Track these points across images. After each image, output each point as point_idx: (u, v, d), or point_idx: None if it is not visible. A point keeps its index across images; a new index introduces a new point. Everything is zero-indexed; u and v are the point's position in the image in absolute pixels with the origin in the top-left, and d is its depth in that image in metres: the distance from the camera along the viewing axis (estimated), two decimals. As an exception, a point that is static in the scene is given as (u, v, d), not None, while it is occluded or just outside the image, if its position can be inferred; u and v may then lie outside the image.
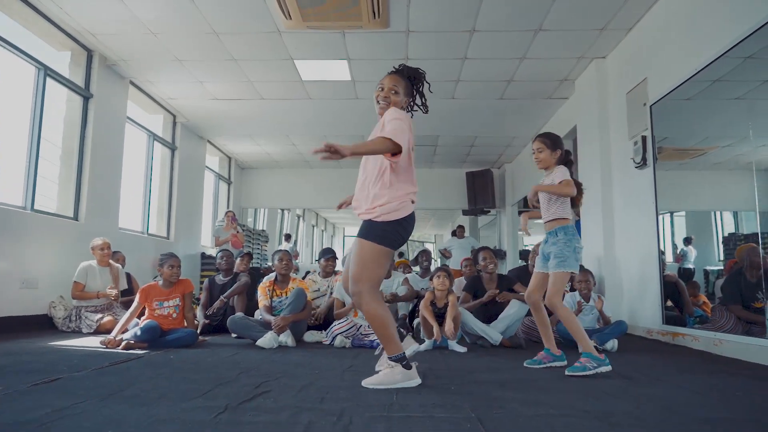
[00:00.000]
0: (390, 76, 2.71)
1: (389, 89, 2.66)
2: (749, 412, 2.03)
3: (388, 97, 2.65)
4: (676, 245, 4.92)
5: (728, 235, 4.40)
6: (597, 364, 2.75)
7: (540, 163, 3.05)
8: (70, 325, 4.80)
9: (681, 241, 4.91)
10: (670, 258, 4.90)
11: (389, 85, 2.67)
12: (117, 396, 2.14)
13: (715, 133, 4.54)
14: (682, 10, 4.30)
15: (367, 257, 2.45)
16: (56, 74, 5.31)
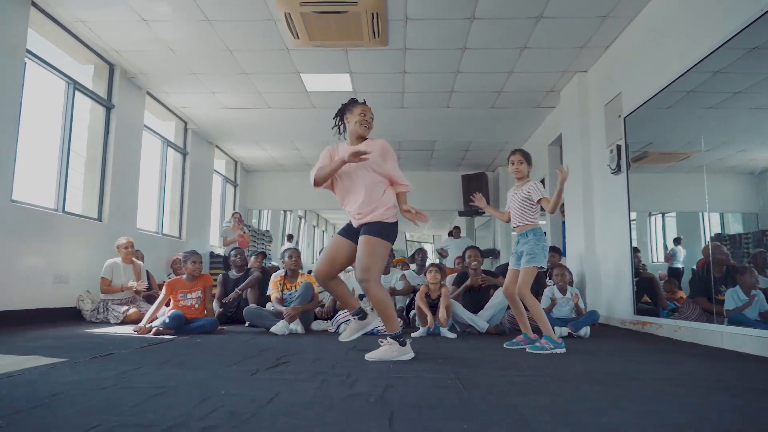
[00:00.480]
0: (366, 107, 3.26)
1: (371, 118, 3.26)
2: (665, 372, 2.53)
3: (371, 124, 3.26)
4: (667, 245, 5.22)
5: (715, 236, 4.66)
6: (554, 346, 3.28)
7: (518, 173, 3.54)
8: (98, 317, 5.29)
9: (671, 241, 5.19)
10: (661, 257, 5.24)
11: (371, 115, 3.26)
12: (167, 363, 2.64)
13: (696, 139, 4.81)
14: (652, 29, 4.77)
15: (377, 252, 2.96)
16: (84, 88, 5.81)
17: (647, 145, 5.15)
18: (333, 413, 1.67)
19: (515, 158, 3.57)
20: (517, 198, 3.52)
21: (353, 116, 3.23)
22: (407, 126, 8.37)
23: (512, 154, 3.62)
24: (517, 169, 3.56)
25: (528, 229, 3.46)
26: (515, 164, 3.56)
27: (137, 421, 1.52)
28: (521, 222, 3.51)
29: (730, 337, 3.66)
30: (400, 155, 10.33)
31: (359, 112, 3.23)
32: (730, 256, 4.31)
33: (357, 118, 3.21)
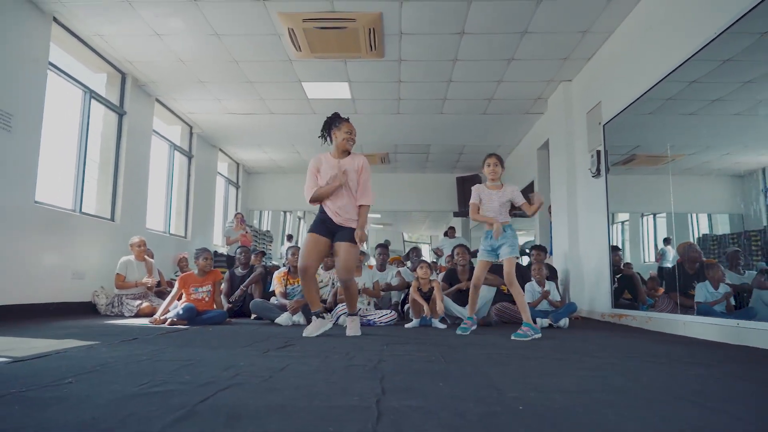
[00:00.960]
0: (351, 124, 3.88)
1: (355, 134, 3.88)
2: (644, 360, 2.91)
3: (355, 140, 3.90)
4: (657, 245, 5.36)
5: (702, 236, 4.83)
6: (533, 332, 3.67)
7: (494, 174, 3.95)
8: (113, 310, 5.66)
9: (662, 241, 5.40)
10: (651, 257, 5.53)
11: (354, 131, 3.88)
12: (189, 345, 3.02)
13: (680, 143, 5.04)
14: (629, 43, 5.15)
15: (355, 255, 3.81)
16: (98, 96, 6.19)
17: (635, 148, 5.43)
18: (335, 376, 2.05)
19: (492, 161, 4.00)
20: (497, 199, 3.91)
21: (341, 132, 3.82)
22: (403, 131, 8.76)
23: (489, 157, 4.04)
24: (494, 170, 3.97)
25: (506, 225, 3.87)
26: (491, 166, 3.98)
27: (177, 380, 1.90)
28: (501, 219, 3.90)
29: (692, 326, 4.05)
30: (396, 158, 10.75)
31: (346, 129, 3.82)
32: (702, 253, 4.66)
33: (344, 135, 3.81)
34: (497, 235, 3.91)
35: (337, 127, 3.85)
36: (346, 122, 3.86)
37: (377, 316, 4.93)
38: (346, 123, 3.85)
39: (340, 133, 3.82)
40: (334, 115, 3.94)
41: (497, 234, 3.90)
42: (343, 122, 3.85)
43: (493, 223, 3.87)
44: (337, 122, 3.87)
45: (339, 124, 3.84)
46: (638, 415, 1.49)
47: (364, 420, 1.38)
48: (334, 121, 3.88)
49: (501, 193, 3.94)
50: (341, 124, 3.84)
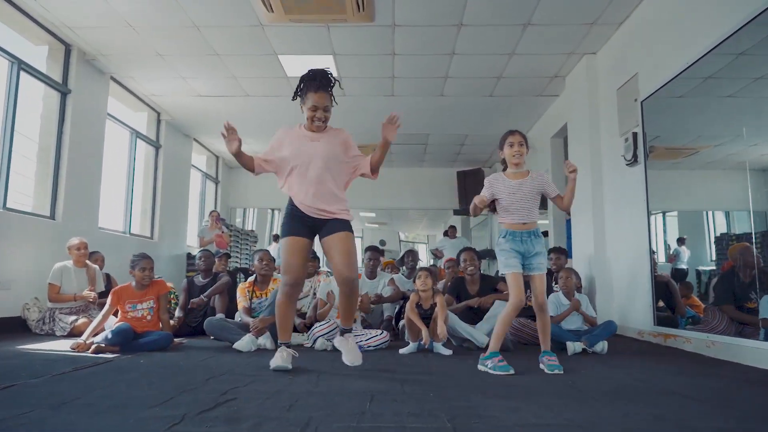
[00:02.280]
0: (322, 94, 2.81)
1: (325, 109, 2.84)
2: (742, 420, 1.91)
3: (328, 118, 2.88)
4: (669, 245, 4.83)
5: (720, 235, 4.33)
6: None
7: (520, 157, 2.95)
8: (43, 328, 4.64)
9: (674, 241, 4.81)
10: (663, 258, 4.79)
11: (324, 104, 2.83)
12: (70, 404, 1.99)
13: (707, 132, 4.46)
14: (672, 4, 4.21)
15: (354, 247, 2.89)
16: (31, 68, 5.15)
17: (654, 139, 4.66)
18: None
19: (515, 139, 2.98)
20: (526, 190, 2.91)
21: (305, 107, 2.84)
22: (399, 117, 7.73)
23: (511, 134, 3.02)
24: (519, 151, 2.97)
25: (538, 227, 2.88)
26: (515, 146, 2.97)
27: None
28: (532, 218, 2.91)
29: None
30: (391, 150, 9.61)
31: (311, 104, 2.79)
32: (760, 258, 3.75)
33: (307, 113, 2.82)
34: None
35: (302, 99, 2.86)
36: (313, 92, 2.79)
37: (365, 337, 3.90)
38: (313, 93, 2.79)
39: (304, 108, 2.84)
40: (307, 76, 2.85)
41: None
42: (310, 91, 2.80)
43: None
44: (304, 90, 2.84)
45: (304, 96, 2.83)
46: None
47: None
48: (303, 88, 2.85)
49: (528, 182, 2.95)
50: (307, 94, 2.81)
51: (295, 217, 2.86)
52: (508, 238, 2.93)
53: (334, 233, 2.82)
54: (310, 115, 2.82)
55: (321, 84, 2.81)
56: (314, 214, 2.84)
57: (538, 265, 2.87)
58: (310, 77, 2.84)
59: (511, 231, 2.93)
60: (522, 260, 2.90)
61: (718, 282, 4.31)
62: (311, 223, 2.87)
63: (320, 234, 2.89)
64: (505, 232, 2.96)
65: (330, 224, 2.85)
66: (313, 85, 2.81)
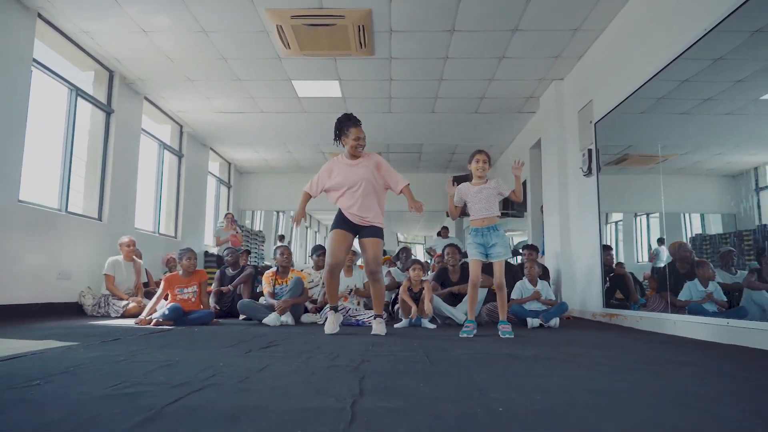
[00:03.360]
0: (360, 128, 3.90)
1: (363, 138, 3.90)
2: (632, 361, 2.87)
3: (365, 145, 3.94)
4: (651, 245, 5.41)
5: (695, 236, 4.80)
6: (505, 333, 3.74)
7: (483, 171, 3.91)
8: (99, 311, 5.58)
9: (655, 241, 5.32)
10: (645, 257, 5.45)
11: (363, 135, 3.90)
12: (170, 346, 2.95)
13: (671, 143, 4.99)
14: (619, 41, 5.12)
15: (381, 250, 3.92)
16: (85, 93, 6.11)
17: (627, 147, 5.40)
18: (314, 377, 2.00)
19: (481, 157, 3.94)
20: (485, 194, 3.87)
21: (349, 139, 3.86)
22: (395, 130, 8.71)
23: (478, 153, 3.97)
24: (483, 167, 3.92)
25: (497, 223, 3.83)
26: (480, 162, 3.92)
27: (150, 381, 1.85)
28: (490, 214, 3.86)
29: (683, 325, 4.02)
30: (389, 157, 10.69)
31: (354, 136, 3.85)
32: (693, 252, 4.62)
33: (352, 143, 3.85)
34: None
35: (345, 134, 3.89)
36: (354, 127, 3.87)
37: (366, 316, 4.87)
38: (354, 129, 3.87)
39: (348, 140, 3.88)
40: (344, 118, 3.94)
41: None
42: (351, 128, 3.87)
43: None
44: (346, 128, 3.89)
45: (347, 131, 3.88)
46: (621, 417, 1.45)
47: (336, 422, 1.33)
48: (344, 127, 3.91)
49: (487, 187, 3.90)
50: (349, 130, 3.87)
51: (344, 219, 3.88)
52: (473, 233, 3.89)
53: (369, 237, 3.85)
54: (354, 143, 3.85)
55: (357, 121, 3.92)
56: (358, 221, 3.85)
57: (496, 254, 3.80)
58: (347, 118, 3.93)
59: (475, 228, 3.89)
60: (484, 250, 3.85)
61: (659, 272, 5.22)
62: (354, 226, 3.87)
63: (360, 235, 3.90)
64: (471, 230, 3.92)
65: (368, 229, 3.86)
66: (352, 122, 3.91)
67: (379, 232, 3.89)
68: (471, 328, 3.81)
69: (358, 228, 3.87)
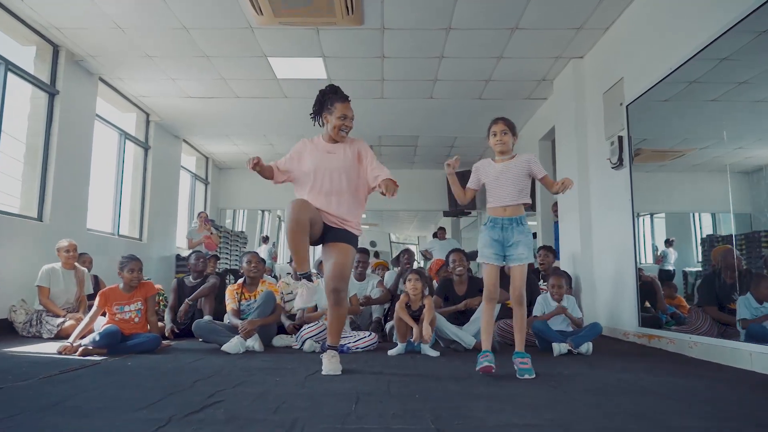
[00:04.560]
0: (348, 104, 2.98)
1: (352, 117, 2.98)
2: (720, 419, 1.96)
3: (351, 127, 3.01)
4: (657, 247, 4.89)
5: (706, 237, 4.37)
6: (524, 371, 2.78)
7: (503, 145, 2.95)
8: (30, 330, 4.61)
9: (662, 242, 4.88)
10: (650, 259, 4.85)
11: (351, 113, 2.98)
12: (57, 407, 2.00)
13: (693, 135, 4.52)
14: (656, 9, 4.28)
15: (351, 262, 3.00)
16: (18, 69, 5.12)
17: (641, 141, 4.74)
18: None
19: (498, 128, 2.97)
20: (512, 173, 2.92)
21: (332, 117, 2.94)
22: (388, 119, 7.77)
23: (494, 123, 3.01)
24: (502, 140, 2.96)
25: (522, 215, 2.89)
26: (498, 135, 2.97)
27: None
28: (516, 201, 2.90)
29: (762, 358, 3.11)
30: (380, 151, 9.79)
31: (340, 114, 2.92)
32: (742, 260, 3.82)
33: (336, 122, 2.93)
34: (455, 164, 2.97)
35: (328, 110, 2.96)
36: (340, 102, 2.94)
37: (353, 339, 3.93)
38: (340, 104, 2.94)
39: (331, 118, 2.95)
40: (330, 90, 3.00)
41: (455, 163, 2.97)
42: (337, 103, 2.94)
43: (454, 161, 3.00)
44: (330, 102, 2.95)
45: (332, 106, 2.94)
46: None
47: None
48: (328, 100, 2.97)
49: (514, 164, 2.93)
50: (334, 105, 2.94)
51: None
52: (489, 225, 2.93)
53: (337, 242, 2.90)
54: (338, 123, 2.93)
55: (345, 95, 2.97)
56: (329, 222, 2.93)
57: (518, 256, 2.83)
58: (332, 90, 2.98)
59: (492, 218, 2.93)
60: (501, 250, 2.89)
61: (701, 284, 4.38)
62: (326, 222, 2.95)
63: (326, 238, 2.94)
64: (487, 219, 2.98)
65: (337, 232, 2.92)
66: (339, 96, 2.96)
67: (353, 239, 2.99)
68: (490, 358, 2.82)
69: (327, 228, 2.94)
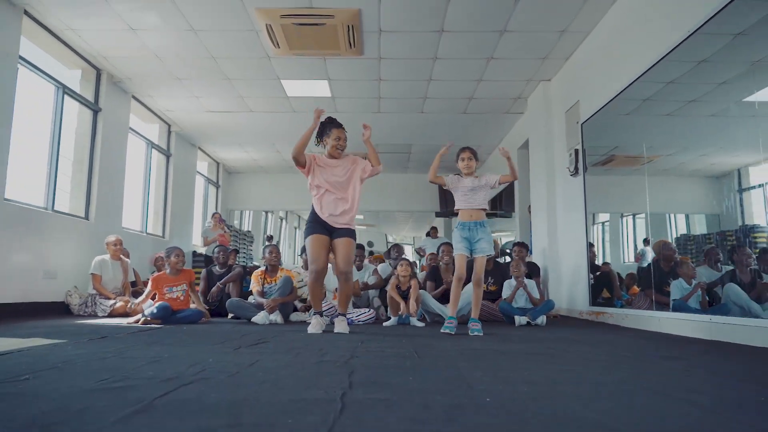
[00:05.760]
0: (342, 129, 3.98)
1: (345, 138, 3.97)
2: (617, 356, 2.92)
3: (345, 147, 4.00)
4: (637, 246, 5.40)
5: (680, 236, 4.84)
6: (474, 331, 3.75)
7: (468, 168, 3.93)
8: (86, 310, 5.54)
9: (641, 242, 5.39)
10: (631, 257, 5.56)
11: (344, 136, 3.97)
12: (159, 343, 2.95)
13: (656, 144, 4.94)
14: (606, 42, 5.19)
15: (353, 250, 3.96)
16: (72, 92, 6.06)
17: (613, 148, 5.48)
18: (304, 372, 2.01)
19: (465, 155, 3.98)
20: (477, 189, 3.88)
21: (330, 139, 3.95)
22: (384, 130, 8.73)
23: (462, 151, 4.01)
24: (468, 165, 3.95)
25: (484, 220, 3.86)
26: (465, 161, 3.96)
27: (139, 376, 1.85)
28: (480, 207, 3.89)
29: (667, 322, 4.08)
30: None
31: (335, 137, 3.94)
32: (676, 251, 4.69)
33: (333, 143, 3.93)
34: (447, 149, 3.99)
35: (327, 135, 3.96)
36: (336, 128, 3.96)
37: (356, 314, 4.89)
38: (335, 129, 3.95)
39: (329, 140, 3.95)
40: (327, 121, 4.02)
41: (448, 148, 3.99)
42: (333, 129, 3.95)
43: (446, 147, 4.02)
44: (328, 129, 3.97)
45: (329, 131, 3.95)
46: (604, 406, 1.48)
47: (326, 412, 1.35)
48: (326, 128, 3.98)
49: (479, 184, 3.92)
50: (331, 131, 3.95)
51: (318, 222, 3.90)
52: (459, 228, 3.91)
53: (342, 237, 3.87)
54: (335, 144, 3.91)
55: (339, 123, 4.00)
56: (333, 223, 3.89)
57: (480, 249, 3.82)
58: (330, 121, 4.01)
59: (462, 222, 3.91)
60: (469, 245, 3.87)
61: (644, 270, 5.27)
62: (329, 227, 3.89)
63: (333, 236, 3.91)
64: (458, 224, 3.95)
65: (341, 231, 3.89)
66: (335, 123, 4.00)
67: (353, 234, 3.96)
68: (453, 324, 3.81)
69: (331, 229, 3.90)
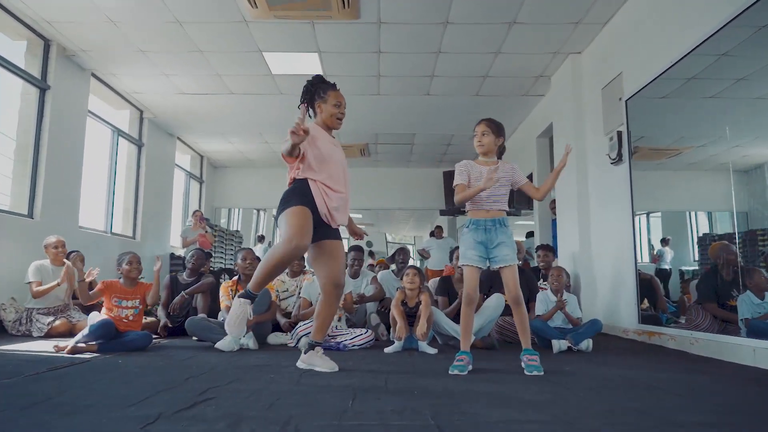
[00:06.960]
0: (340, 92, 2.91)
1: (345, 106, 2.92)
2: (722, 414, 1.91)
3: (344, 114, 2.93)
4: (653, 246, 4.86)
5: (702, 236, 4.37)
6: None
7: (483, 147, 2.92)
8: (20, 329, 4.52)
9: (658, 241, 4.85)
10: (646, 258, 4.80)
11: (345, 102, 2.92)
12: (42, 405, 1.92)
13: (690, 133, 4.49)
14: (656, 3, 4.23)
15: None
16: (8, 63, 5.04)
17: (638, 139, 4.70)
18: None
19: (479, 129, 2.97)
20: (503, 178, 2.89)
21: (327, 105, 2.83)
22: (384, 116, 7.70)
23: (477, 124, 3.01)
24: (481, 141, 2.94)
25: (504, 216, 2.87)
26: (477, 136, 2.96)
27: None
28: (498, 206, 2.88)
29: (764, 353, 3.06)
30: (377, 149, 9.74)
31: (334, 102, 2.83)
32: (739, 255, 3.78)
33: (332, 110, 2.83)
34: (491, 182, 2.70)
35: (322, 98, 2.85)
36: (332, 90, 2.86)
37: (349, 337, 3.86)
38: (333, 92, 2.85)
39: (326, 106, 2.84)
40: (317, 80, 2.90)
41: (491, 182, 2.70)
42: (329, 90, 2.85)
43: (490, 178, 2.70)
44: (322, 90, 2.85)
45: (325, 94, 2.84)
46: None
47: None
48: (319, 89, 2.86)
49: (501, 169, 2.87)
50: (327, 93, 2.84)
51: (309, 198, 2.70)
52: (471, 227, 2.87)
53: (336, 239, 2.84)
54: (334, 111, 2.83)
55: (334, 83, 2.90)
56: (326, 219, 2.76)
57: (503, 257, 2.78)
58: (320, 80, 2.91)
59: (474, 220, 2.87)
60: (485, 252, 2.82)
61: (700, 281, 4.34)
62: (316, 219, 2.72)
63: (325, 234, 2.80)
64: (468, 221, 2.92)
65: (335, 231, 2.84)
66: (329, 84, 2.89)
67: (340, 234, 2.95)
68: (464, 362, 2.75)
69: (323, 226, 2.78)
